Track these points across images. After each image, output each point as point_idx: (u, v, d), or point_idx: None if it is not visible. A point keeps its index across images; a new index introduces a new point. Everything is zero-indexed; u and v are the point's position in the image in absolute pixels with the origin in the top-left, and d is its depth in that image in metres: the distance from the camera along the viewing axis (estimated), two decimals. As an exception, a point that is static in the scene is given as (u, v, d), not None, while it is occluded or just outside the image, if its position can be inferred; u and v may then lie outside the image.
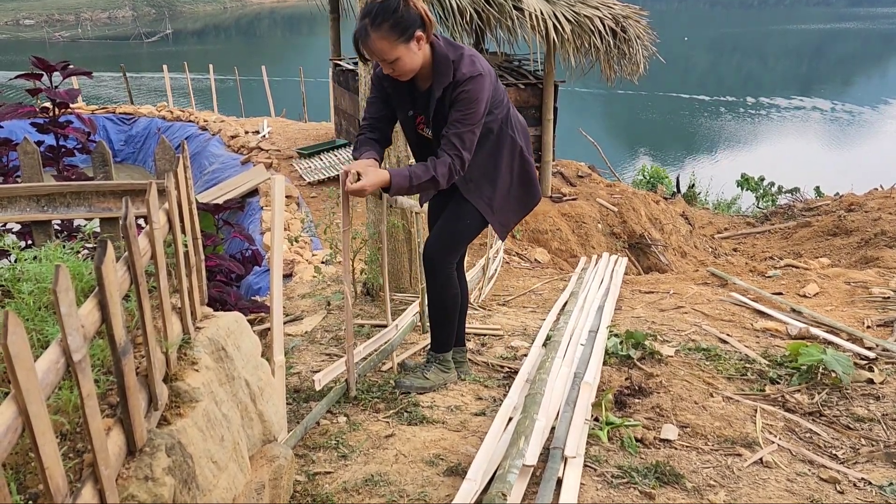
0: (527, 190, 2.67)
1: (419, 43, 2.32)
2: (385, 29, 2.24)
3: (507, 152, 2.59)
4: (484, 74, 2.38)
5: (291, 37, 56.52)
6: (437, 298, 2.73)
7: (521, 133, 2.63)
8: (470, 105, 2.35)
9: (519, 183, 2.64)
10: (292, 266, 6.18)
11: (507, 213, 2.68)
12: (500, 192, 2.62)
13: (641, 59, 8.52)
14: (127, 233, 1.17)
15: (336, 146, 9.81)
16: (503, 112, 2.55)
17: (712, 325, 3.80)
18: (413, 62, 2.33)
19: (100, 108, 14.02)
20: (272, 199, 2.29)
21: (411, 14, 2.25)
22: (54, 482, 0.90)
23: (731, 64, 41.70)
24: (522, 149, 2.61)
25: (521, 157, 2.61)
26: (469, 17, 7.43)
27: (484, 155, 2.56)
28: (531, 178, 2.66)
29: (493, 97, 2.46)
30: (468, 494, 1.97)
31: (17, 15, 64.27)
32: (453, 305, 2.77)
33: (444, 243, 2.68)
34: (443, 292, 2.72)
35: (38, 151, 2.15)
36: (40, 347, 1.29)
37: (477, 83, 2.34)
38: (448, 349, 2.88)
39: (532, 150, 2.66)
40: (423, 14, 2.27)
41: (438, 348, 2.87)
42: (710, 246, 9.49)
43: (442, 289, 2.71)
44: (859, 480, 2.23)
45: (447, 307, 2.75)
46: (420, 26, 2.28)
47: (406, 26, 2.24)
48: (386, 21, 2.24)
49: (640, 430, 2.49)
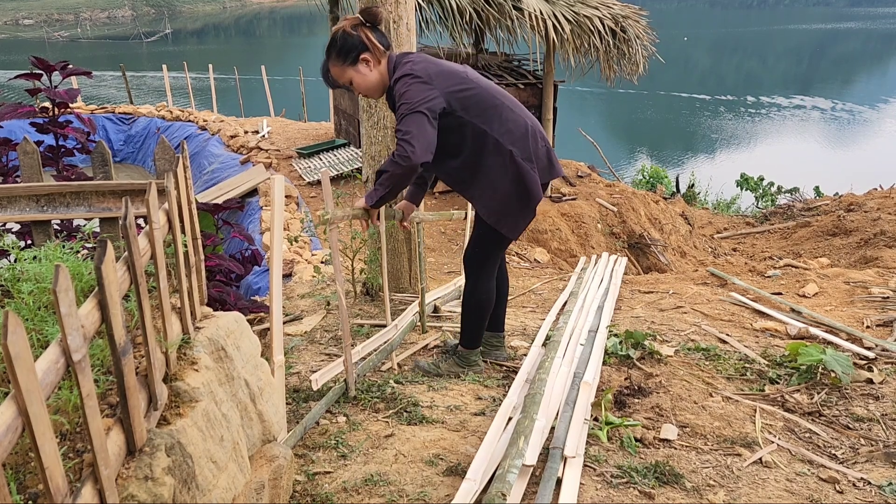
0: (526, 190, 2.68)
1: (368, 64, 2.56)
2: (333, 57, 2.58)
3: (493, 157, 2.63)
4: (407, 74, 2.49)
5: (291, 36, 56.49)
6: (465, 298, 2.95)
7: (513, 136, 2.64)
8: (400, 98, 2.48)
9: (517, 186, 2.67)
10: (292, 266, 6.18)
11: (511, 216, 2.72)
12: (499, 196, 2.67)
13: (641, 59, 8.53)
14: (127, 233, 1.17)
15: (335, 146, 9.81)
16: (481, 116, 2.59)
17: (712, 324, 3.81)
18: (366, 82, 2.58)
19: (99, 107, 14.02)
20: (272, 198, 2.29)
21: (350, 41, 2.52)
22: (54, 482, 0.90)
23: (731, 63, 41.73)
24: (513, 153, 2.63)
25: (514, 162, 2.63)
26: (469, 17, 7.43)
27: (467, 159, 2.65)
28: (527, 180, 2.66)
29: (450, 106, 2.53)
30: (468, 494, 1.97)
31: (17, 14, 64.24)
32: (477, 308, 2.94)
33: (471, 249, 2.89)
34: (470, 294, 2.92)
35: (37, 151, 2.15)
36: (40, 347, 1.29)
37: (400, 84, 2.50)
38: (472, 346, 3.05)
39: (530, 150, 2.66)
40: (363, 38, 2.50)
41: (462, 343, 3.07)
42: (709, 246, 9.49)
43: (470, 291, 2.92)
44: (858, 480, 2.23)
45: (471, 307, 2.94)
46: (363, 49, 2.52)
47: (348, 51, 2.52)
48: (332, 49, 2.56)
49: (640, 430, 2.50)
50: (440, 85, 2.51)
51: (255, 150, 10.25)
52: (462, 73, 2.62)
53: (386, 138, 4.04)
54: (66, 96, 3.09)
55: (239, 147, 10.59)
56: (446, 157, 2.67)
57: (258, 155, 9.94)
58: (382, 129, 4.04)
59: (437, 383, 2.96)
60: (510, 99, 2.72)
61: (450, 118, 2.55)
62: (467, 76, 2.62)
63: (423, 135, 2.43)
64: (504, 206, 2.68)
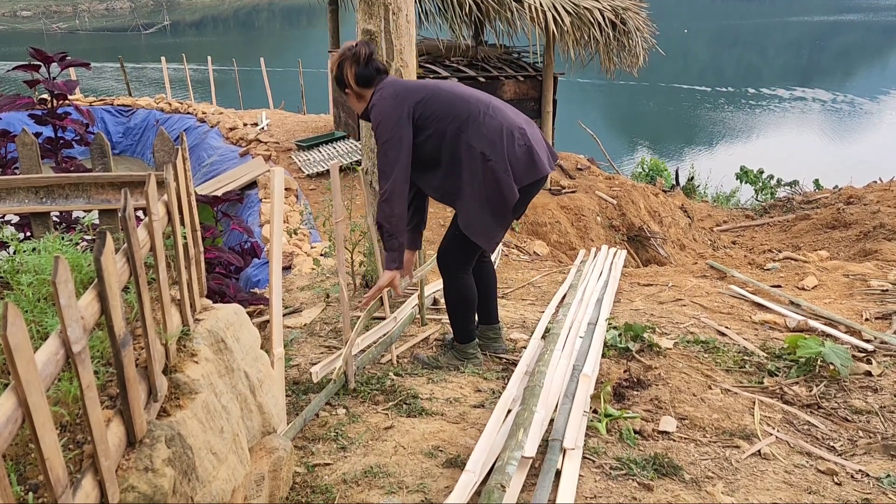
0: (500, 196, 2.69)
1: (352, 95, 2.89)
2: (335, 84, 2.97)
3: (468, 162, 2.70)
4: (376, 103, 2.76)
5: (290, 29, 56.30)
6: (446, 296, 3.09)
7: (485, 139, 2.68)
8: (375, 121, 2.76)
9: (491, 193, 2.70)
10: (291, 258, 6.17)
11: (487, 229, 2.77)
12: (477, 212, 2.74)
13: (641, 52, 8.49)
14: (126, 224, 1.17)
15: (335, 138, 9.78)
16: (451, 130, 2.71)
17: (711, 317, 3.81)
18: (355, 105, 2.93)
19: (98, 99, 13.97)
20: (271, 191, 2.29)
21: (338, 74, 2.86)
22: (54, 473, 0.91)
23: (731, 55, 41.60)
24: (484, 154, 2.66)
25: (486, 165, 2.66)
26: (468, 9, 7.40)
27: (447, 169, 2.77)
28: (502, 185, 2.67)
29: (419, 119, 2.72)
30: (467, 486, 1.98)
31: (15, 6, 63.98)
32: (460, 303, 3.02)
33: (445, 247, 2.99)
34: (449, 291, 3.04)
35: (36, 143, 2.14)
36: (40, 339, 1.29)
37: (373, 112, 2.77)
38: (466, 341, 3.11)
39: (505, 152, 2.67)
40: (345, 78, 2.83)
41: (456, 339, 3.15)
42: (708, 239, 9.49)
43: (448, 288, 3.04)
44: (857, 472, 2.24)
45: (454, 304, 3.04)
46: (346, 86, 2.86)
47: (338, 82, 2.89)
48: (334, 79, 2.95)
49: (639, 422, 2.50)
50: (408, 99, 2.72)
51: (255, 142, 10.22)
52: (431, 85, 2.81)
53: (385, 130, 4.03)
54: (64, 88, 3.08)
55: (238, 139, 10.56)
56: (428, 173, 2.81)
57: (257, 147, 9.92)
58: (382, 122, 4.02)
59: (436, 375, 2.96)
60: (492, 104, 2.78)
61: (424, 128, 2.71)
62: (437, 86, 2.80)
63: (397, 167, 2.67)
64: (481, 221, 2.75)
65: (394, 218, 2.69)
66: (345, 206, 2.77)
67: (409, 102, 2.70)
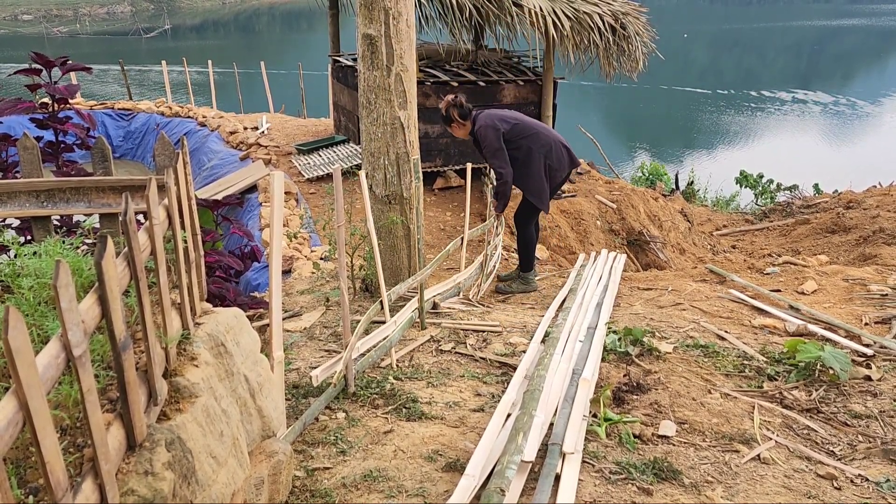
0: (550, 178, 4.97)
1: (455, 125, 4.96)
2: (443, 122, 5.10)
3: (535, 163, 4.86)
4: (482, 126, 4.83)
5: (290, 32, 56.37)
6: (518, 240, 5.24)
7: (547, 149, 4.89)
8: (483, 140, 4.85)
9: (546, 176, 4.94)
10: (291, 262, 6.17)
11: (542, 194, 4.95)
12: (534, 183, 4.92)
13: (641, 56, 8.50)
14: (127, 228, 1.17)
15: (335, 142, 9.79)
16: (526, 143, 4.84)
17: (711, 321, 3.81)
18: (457, 132, 5.02)
19: (98, 103, 13.98)
20: (271, 195, 2.29)
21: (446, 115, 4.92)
22: (55, 476, 0.91)
23: (731, 60, 41.66)
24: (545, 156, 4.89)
25: (546, 165, 4.91)
26: (468, 13, 7.41)
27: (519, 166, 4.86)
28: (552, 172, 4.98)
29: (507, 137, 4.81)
30: (466, 490, 1.98)
31: (16, 10, 64.08)
32: (528, 244, 5.17)
33: (519, 212, 5.15)
34: (521, 237, 5.18)
35: (37, 147, 2.15)
36: (40, 342, 1.29)
37: (479, 132, 4.87)
38: (528, 269, 5.19)
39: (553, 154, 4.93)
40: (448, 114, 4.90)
41: (522, 269, 5.22)
42: (708, 243, 9.49)
43: (520, 235, 5.18)
44: (856, 477, 2.24)
45: (523, 244, 5.18)
46: (450, 121, 4.94)
47: (447, 120, 4.96)
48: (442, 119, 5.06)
49: (639, 427, 2.50)
50: (502, 126, 4.81)
51: (255, 146, 10.23)
52: (510, 116, 4.92)
53: (385, 135, 4.04)
54: (65, 92, 3.09)
55: (238, 143, 10.57)
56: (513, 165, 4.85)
57: (258, 151, 9.92)
58: (381, 126, 4.03)
59: (436, 379, 2.96)
60: (544, 127, 5.04)
61: (511, 142, 4.81)
62: (515, 117, 4.93)
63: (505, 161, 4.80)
64: (539, 191, 4.93)
65: (507, 189, 4.93)
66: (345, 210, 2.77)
67: (502, 128, 4.77)
